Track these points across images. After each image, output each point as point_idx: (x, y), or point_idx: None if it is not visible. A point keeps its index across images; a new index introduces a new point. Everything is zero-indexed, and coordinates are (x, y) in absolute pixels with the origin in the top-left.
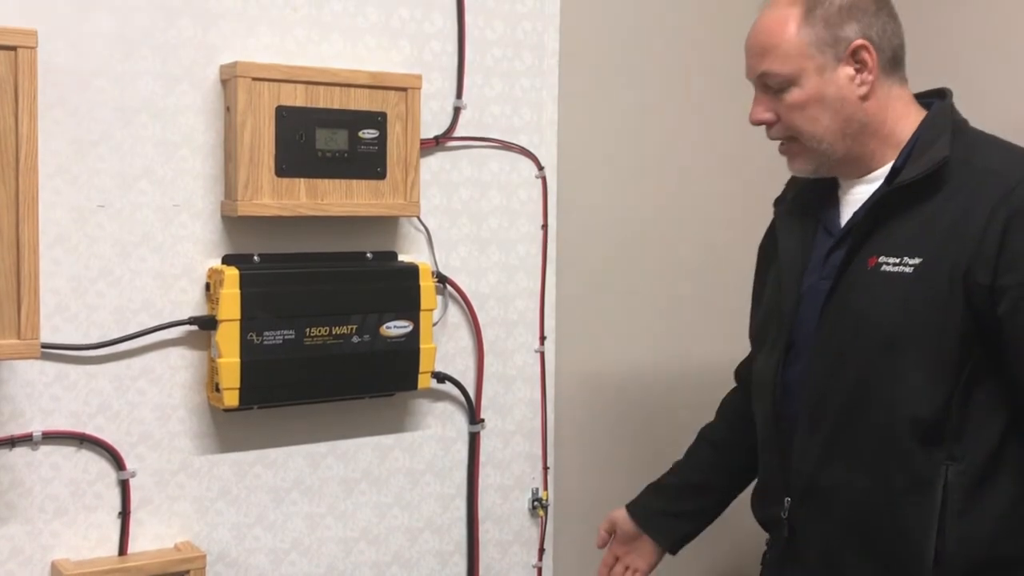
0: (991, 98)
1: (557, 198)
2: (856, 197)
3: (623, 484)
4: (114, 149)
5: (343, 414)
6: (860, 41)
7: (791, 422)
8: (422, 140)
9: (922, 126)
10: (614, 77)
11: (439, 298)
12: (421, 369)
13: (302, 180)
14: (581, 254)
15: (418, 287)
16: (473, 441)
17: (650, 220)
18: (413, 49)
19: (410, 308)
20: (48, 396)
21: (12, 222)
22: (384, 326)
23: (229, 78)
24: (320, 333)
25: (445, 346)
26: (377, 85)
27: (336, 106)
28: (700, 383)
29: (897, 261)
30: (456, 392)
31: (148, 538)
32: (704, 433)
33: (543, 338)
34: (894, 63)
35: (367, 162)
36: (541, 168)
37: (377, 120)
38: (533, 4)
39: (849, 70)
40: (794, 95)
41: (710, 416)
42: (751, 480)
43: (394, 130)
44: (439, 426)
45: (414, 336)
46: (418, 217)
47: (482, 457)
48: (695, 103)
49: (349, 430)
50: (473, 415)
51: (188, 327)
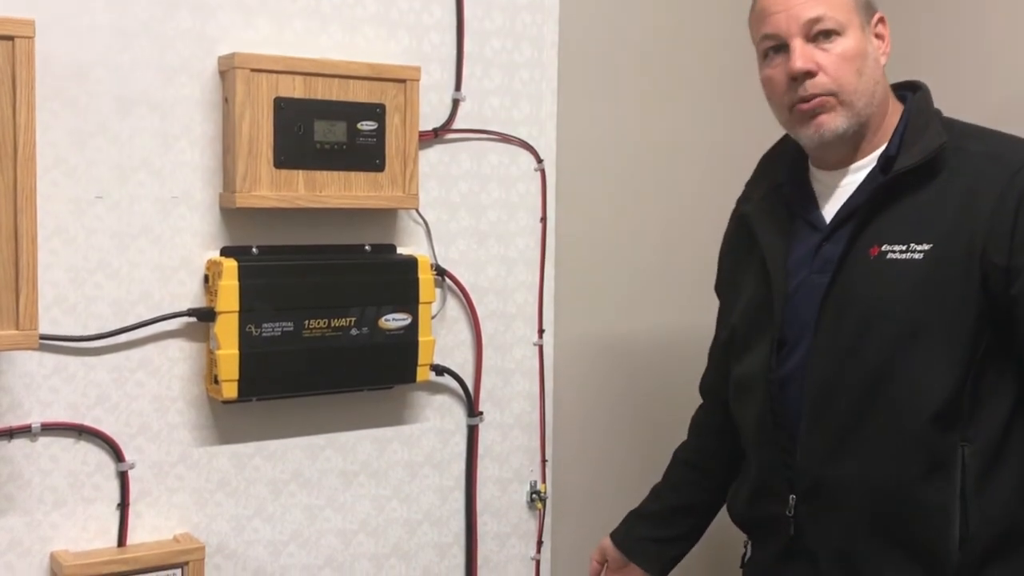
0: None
1: (556, 191)
2: (841, 188)
3: (621, 477)
4: (112, 140)
5: (342, 406)
6: (882, 14)
7: (788, 419)
8: (421, 132)
9: (909, 114)
10: (614, 69)
11: (438, 291)
12: (420, 362)
13: (300, 172)
14: (580, 247)
15: (417, 280)
16: (472, 434)
17: (649, 214)
18: (412, 41)
19: (409, 301)
20: (47, 387)
21: (10, 213)
22: (383, 319)
23: (227, 69)
24: (319, 325)
25: (444, 339)
26: (376, 77)
27: (335, 98)
28: (698, 377)
29: (903, 248)
30: (455, 385)
31: (147, 530)
32: (678, 454)
33: (542, 331)
34: None
35: (366, 154)
36: (540, 161)
37: (376, 112)
38: None
39: (874, 40)
40: (843, 44)
41: None
42: None
43: (393, 122)
44: (438, 419)
45: (413, 329)
46: (417, 210)
47: (480, 450)
48: (694, 95)
49: (348, 422)
50: (472, 408)
51: (187, 319)
